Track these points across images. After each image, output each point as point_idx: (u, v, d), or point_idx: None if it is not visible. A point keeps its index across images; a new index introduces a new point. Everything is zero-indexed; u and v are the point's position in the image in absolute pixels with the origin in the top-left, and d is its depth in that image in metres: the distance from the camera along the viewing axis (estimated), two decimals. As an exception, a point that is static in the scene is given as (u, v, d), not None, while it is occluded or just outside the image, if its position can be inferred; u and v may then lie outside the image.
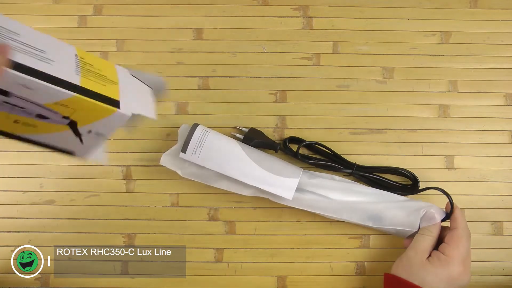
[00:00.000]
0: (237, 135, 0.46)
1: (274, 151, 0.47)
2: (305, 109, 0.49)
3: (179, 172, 0.44)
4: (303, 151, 0.47)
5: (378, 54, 0.50)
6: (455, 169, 0.48)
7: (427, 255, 0.40)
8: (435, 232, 0.41)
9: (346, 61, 0.49)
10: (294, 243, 0.46)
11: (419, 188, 0.45)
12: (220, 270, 0.46)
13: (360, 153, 0.48)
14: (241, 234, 0.46)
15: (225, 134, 0.48)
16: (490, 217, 0.47)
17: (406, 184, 0.46)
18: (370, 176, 0.46)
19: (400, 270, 0.40)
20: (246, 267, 0.46)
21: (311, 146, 0.47)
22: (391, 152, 0.48)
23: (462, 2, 0.51)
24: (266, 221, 0.47)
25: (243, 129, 0.47)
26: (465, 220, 0.41)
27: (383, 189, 0.45)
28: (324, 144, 0.46)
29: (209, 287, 0.45)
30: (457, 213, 0.41)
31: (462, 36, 0.50)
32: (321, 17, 0.50)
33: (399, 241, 0.45)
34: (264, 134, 0.47)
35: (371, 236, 0.46)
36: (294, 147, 0.46)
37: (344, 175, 0.47)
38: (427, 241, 0.41)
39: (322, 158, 0.47)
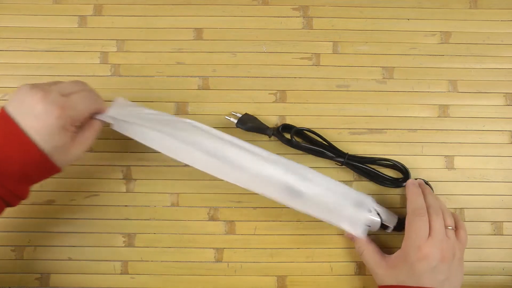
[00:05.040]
0: (231, 119, 0.46)
1: (267, 136, 0.47)
2: (305, 109, 0.49)
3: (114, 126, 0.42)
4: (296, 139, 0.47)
5: (378, 54, 0.50)
6: (455, 169, 0.48)
7: (379, 258, 0.42)
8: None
9: (346, 61, 0.49)
10: (294, 243, 0.46)
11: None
12: (220, 270, 0.46)
13: (360, 153, 0.48)
14: (241, 234, 0.46)
15: (229, 132, 0.48)
16: (490, 217, 0.47)
17: (398, 178, 0.46)
18: (362, 167, 0.46)
19: (386, 280, 0.41)
20: (246, 267, 0.46)
21: (304, 134, 0.47)
22: (391, 152, 0.48)
23: (462, 2, 0.51)
24: (266, 221, 0.47)
25: (238, 114, 0.47)
26: (415, 195, 0.42)
27: (374, 181, 0.46)
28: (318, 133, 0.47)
29: (209, 287, 0.45)
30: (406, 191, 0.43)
31: (462, 36, 0.50)
32: (321, 17, 0.50)
33: (399, 241, 0.45)
34: (258, 119, 0.47)
35: (371, 236, 0.46)
36: (288, 136, 0.46)
37: (336, 164, 0.47)
38: (363, 246, 0.43)
39: (315, 145, 0.47)
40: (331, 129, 0.48)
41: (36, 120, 0.35)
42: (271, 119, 0.48)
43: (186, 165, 0.47)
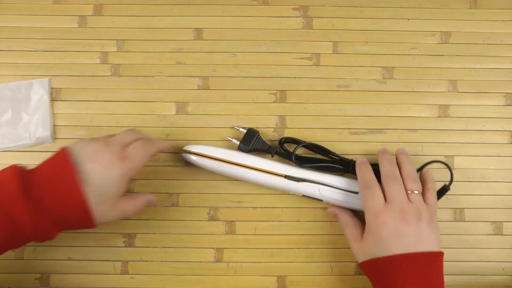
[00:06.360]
0: (234, 140, 0.46)
1: (270, 155, 0.46)
2: (305, 109, 0.49)
3: None
4: (300, 152, 0.47)
5: (378, 54, 0.50)
6: (455, 169, 0.48)
7: (358, 232, 0.41)
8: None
9: (346, 61, 0.49)
10: (294, 243, 0.46)
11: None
12: (220, 270, 0.46)
13: (360, 153, 0.48)
14: (241, 234, 0.46)
15: (223, 134, 0.48)
16: (490, 217, 0.47)
17: None
18: None
19: (361, 256, 0.40)
20: (246, 267, 0.46)
21: (308, 147, 0.47)
22: (391, 152, 0.48)
23: (462, 2, 0.51)
24: (266, 221, 0.47)
25: (241, 129, 0.47)
26: (362, 171, 0.42)
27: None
28: (326, 145, 0.46)
29: (209, 287, 0.45)
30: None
31: (462, 36, 0.50)
32: (321, 17, 0.50)
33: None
34: (260, 137, 0.46)
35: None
36: (289, 147, 0.46)
37: (341, 175, 0.47)
38: (345, 221, 0.43)
39: (318, 159, 0.46)
40: (331, 129, 0.48)
41: (99, 164, 0.36)
42: (271, 119, 0.48)
43: (186, 165, 0.47)
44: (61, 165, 0.35)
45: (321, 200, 0.44)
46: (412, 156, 0.48)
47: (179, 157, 0.47)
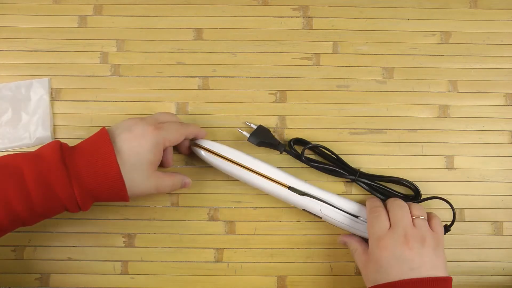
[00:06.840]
0: (244, 132, 0.46)
1: (278, 152, 0.46)
2: (305, 109, 0.49)
3: None
4: (307, 152, 0.47)
5: (378, 54, 0.50)
6: (455, 169, 0.48)
7: (366, 258, 0.40)
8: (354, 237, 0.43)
9: (346, 61, 0.49)
10: (294, 243, 0.46)
11: (421, 198, 0.45)
12: (220, 270, 0.46)
13: (360, 153, 0.48)
14: (241, 234, 0.46)
15: (223, 134, 0.48)
16: (490, 217, 0.47)
17: (408, 195, 0.46)
18: (373, 184, 0.45)
19: (366, 283, 0.40)
20: (246, 267, 0.46)
21: (316, 148, 0.47)
22: (391, 152, 0.48)
23: (462, 2, 0.51)
24: (266, 221, 0.47)
25: (252, 125, 0.47)
26: (370, 200, 0.43)
27: (384, 197, 0.45)
28: (326, 146, 0.46)
29: (209, 287, 0.45)
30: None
31: (462, 36, 0.50)
32: (321, 17, 0.50)
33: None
34: (271, 134, 0.46)
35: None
36: (299, 149, 0.46)
37: (346, 181, 0.47)
38: (353, 247, 0.43)
39: (326, 163, 0.46)
40: (331, 129, 0.48)
41: (132, 134, 0.38)
42: (271, 119, 0.48)
43: (185, 165, 0.47)
44: (101, 140, 0.37)
45: (320, 218, 0.44)
46: (412, 156, 0.48)
47: (178, 157, 0.47)
